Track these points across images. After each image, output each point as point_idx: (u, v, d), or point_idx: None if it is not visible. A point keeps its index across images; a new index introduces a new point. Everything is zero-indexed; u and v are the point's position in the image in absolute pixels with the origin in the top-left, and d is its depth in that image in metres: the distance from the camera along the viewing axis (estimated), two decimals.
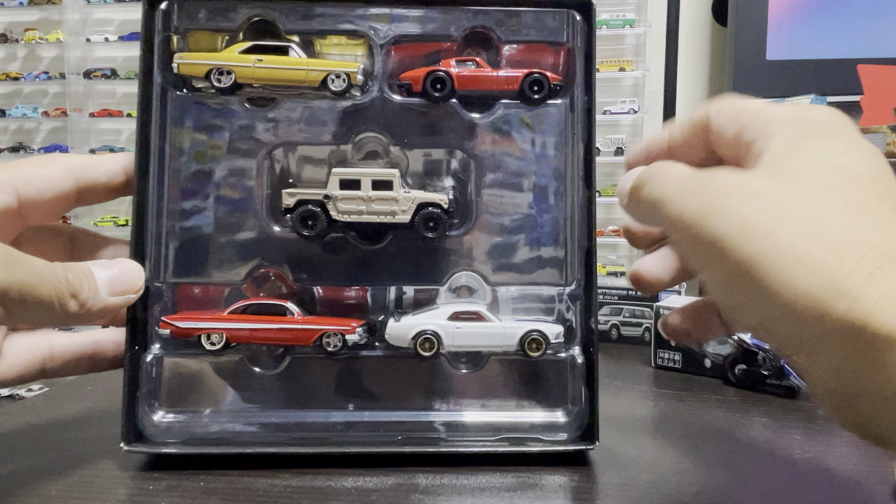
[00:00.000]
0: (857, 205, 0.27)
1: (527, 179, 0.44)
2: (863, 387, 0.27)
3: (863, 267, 0.26)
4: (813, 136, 0.30)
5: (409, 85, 0.44)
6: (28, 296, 0.32)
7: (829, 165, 0.29)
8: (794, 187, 0.28)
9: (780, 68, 1.94)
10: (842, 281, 0.26)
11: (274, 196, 0.43)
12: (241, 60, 0.43)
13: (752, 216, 0.28)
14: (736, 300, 0.29)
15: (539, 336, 0.43)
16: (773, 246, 0.27)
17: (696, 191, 0.30)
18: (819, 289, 0.26)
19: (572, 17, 0.44)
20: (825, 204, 0.27)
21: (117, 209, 2.46)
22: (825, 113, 0.31)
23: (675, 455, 0.43)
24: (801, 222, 0.27)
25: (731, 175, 0.30)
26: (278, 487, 0.37)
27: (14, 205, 0.38)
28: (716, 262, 0.29)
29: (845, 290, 0.26)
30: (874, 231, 0.27)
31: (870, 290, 0.25)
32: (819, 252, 0.26)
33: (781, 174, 0.29)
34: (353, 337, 0.42)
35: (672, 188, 0.31)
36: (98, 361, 0.41)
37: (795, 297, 0.26)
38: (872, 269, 0.26)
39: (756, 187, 0.28)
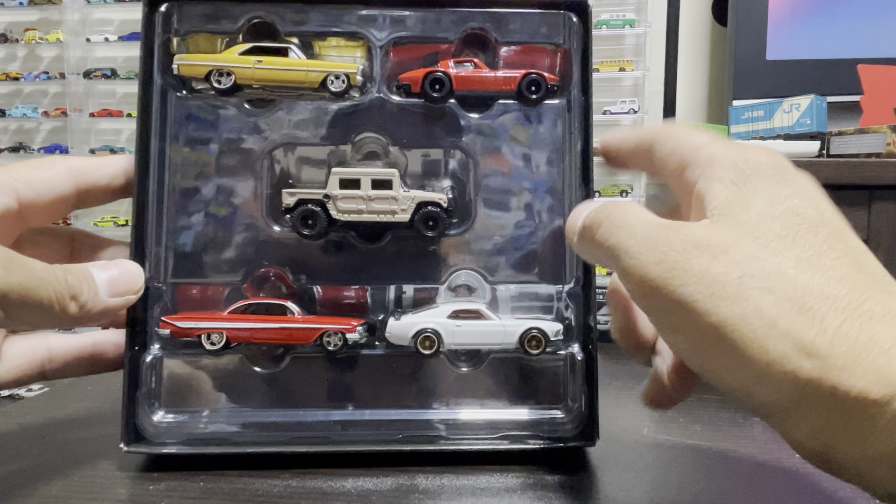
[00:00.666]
0: (811, 255, 0.27)
1: (525, 179, 0.44)
2: (843, 448, 0.27)
3: (827, 326, 0.26)
4: (755, 178, 0.30)
5: (408, 86, 0.44)
6: (28, 298, 0.32)
7: (779, 211, 0.28)
8: (752, 241, 0.28)
9: (780, 68, 1.94)
10: (812, 342, 0.26)
11: (274, 196, 0.44)
12: (240, 62, 0.43)
13: (718, 279, 0.27)
14: (710, 365, 0.29)
15: (539, 334, 0.43)
16: (744, 311, 0.26)
17: (657, 248, 0.29)
18: (792, 353, 0.26)
19: (569, 19, 0.44)
20: (784, 258, 0.27)
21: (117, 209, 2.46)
22: (763, 154, 0.31)
23: (674, 455, 0.43)
24: (765, 282, 0.27)
25: (690, 230, 0.29)
26: (278, 487, 0.38)
27: (14, 207, 0.38)
28: (687, 327, 0.28)
29: (815, 351, 0.25)
30: (832, 284, 0.26)
31: (836, 351, 0.25)
32: (787, 314, 0.26)
33: (737, 226, 0.28)
34: (354, 336, 0.42)
35: (630, 241, 0.30)
36: (97, 363, 0.41)
37: (770, 361, 0.26)
38: (837, 326, 0.26)
39: (717, 243, 0.28)
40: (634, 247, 0.29)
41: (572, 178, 0.44)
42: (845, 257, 0.28)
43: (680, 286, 0.27)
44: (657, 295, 0.28)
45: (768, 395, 0.27)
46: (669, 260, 0.28)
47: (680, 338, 0.29)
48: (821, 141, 1.47)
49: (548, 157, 0.44)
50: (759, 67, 1.95)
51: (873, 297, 0.26)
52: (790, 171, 0.30)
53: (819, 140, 1.46)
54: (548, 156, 0.44)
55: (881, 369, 0.25)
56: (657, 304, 0.29)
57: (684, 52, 2.18)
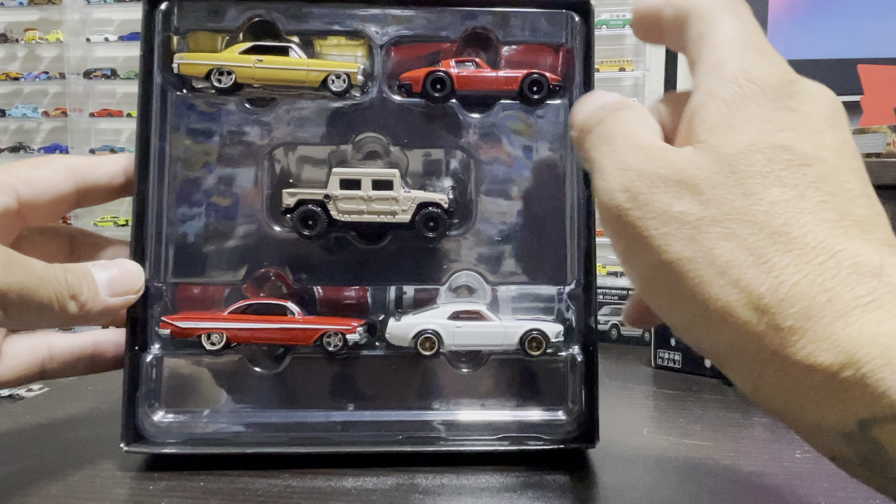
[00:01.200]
0: (792, 197, 0.25)
1: (526, 179, 0.44)
2: (781, 409, 0.25)
3: (782, 282, 0.24)
4: (753, 100, 0.27)
5: (409, 85, 0.44)
6: (28, 298, 0.32)
7: (767, 143, 0.26)
8: (727, 177, 0.26)
9: None
10: (761, 297, 0.24)
11: (274, 196, 0.43)
12: (241, 61, 0.43)
13: (676, 218, 0.26)
14: (657, 303, 0.28)
15: (539, 335, 0.43)
16: (695, 254, 0.25)
17: (627, 174, 0.27)
18: (738, 305, 0.24)
19: (571, 18, 0.44)
20: (756, 199, 0.25)
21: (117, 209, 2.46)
22: (774, 71, 0.28)
23: (674, 455, 0.43)
24: (726, 227, 0.25)
25: (666, 160, 0.27)
26: (278, 487, 0.37)
27: (14, 206, 0.38)
28: (639, 260, 0.27)
29: (763, 307, 0.24)
30: (804, 231, 0.24)
31: (787, 310, 0.24)
32: (740, 264, 0.24)
33: (716, 157, 0.26)
34: (354, 336, 0.42)
35: (608, 159, 0.28)
36: (97, 362, 0.41)
37: (713, 309, 0.25)
38: (793, 283, 0.24)
39: (687, 178, 0.26)
40: (610, 167, 0.28)
41: (574, 178, 0.44)
42: (832, 201, 0.25)
43: (638, 219, 0.26)
44: (617, 222, 0.27)
45: (707, 340, 0.26)
46: (635, 189, 0.27)
47: (633, 269, 0.28)
48: None
49: (549, 158, 0.44)
50: None
51: (848, 248, 0.24)
52: (800, 97, 0.27)
53: None
54: (549, 156, 0.44)
55: (834, 336, 0.23)
56: (616, 231, 0.28)
57: None
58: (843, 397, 0.23)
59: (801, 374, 0.23)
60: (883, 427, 0.22)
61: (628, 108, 0.30)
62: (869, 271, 0.23)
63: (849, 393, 0.22)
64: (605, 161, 0.28)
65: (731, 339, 0.25)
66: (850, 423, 0.23)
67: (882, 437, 0.22)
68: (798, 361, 0.23)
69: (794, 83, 0.28)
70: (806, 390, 0.24)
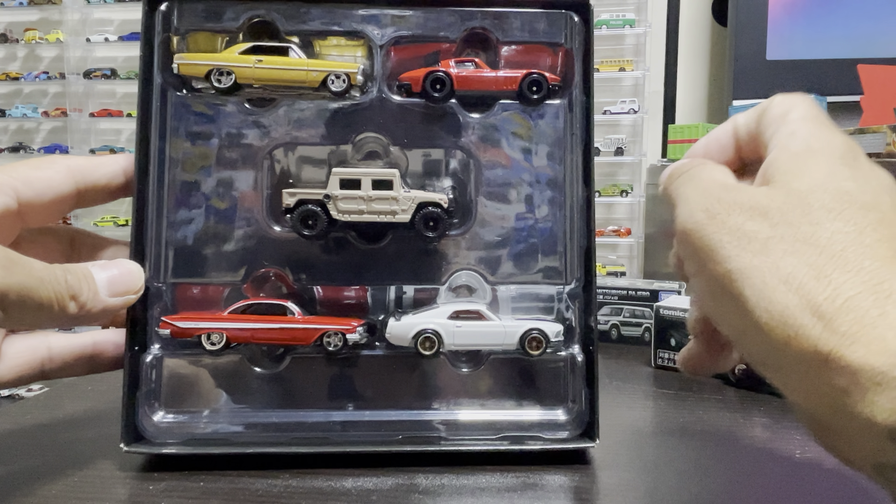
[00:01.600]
0: (852, 230, 0.28)
1: (526, 179, 0.44)
2: (830, 416, 0.27)
3: (839, 294, 0.27)
4: (820, 155, 0.31)
5: (409, 85, 0.44)
6: (27, 298, 0.32)
7: (833, 188, 0.29)
8: (795, 208, 0.29)
9: (780, 68, 1.94)
10: (819, 304, 0.27)
11: (274, 196, 0.43)
12: (241, 61, 0.43)
13: (748, 234, 0.29)
14: (719, 311, 0.31)
15: (539, 335, 0.43)
16: (761, 263, 0.28)
17: (709, 199, 0.31)
18: (797, 310, 0.27)
19: (570, 18, 0.44)
20: (821, 228, 0.28)
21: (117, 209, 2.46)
22: (839, 138, 0.32)
23: (675, 455, 0.43)
24: (791, 246, 0.28)
25: (743, 192, 0.31)
26: (278, 487, 0.37)
27: (14, 207, 0.38)
28: (707, 271, 0.30)
29: (821, 313, 0.27)
30: (861, 259, 0.27)
31: (843, 318, 0.26)
32: (802, 275, 0.27)
33: (787, 192, 0.30)
34: (354, 336, 0.42)
35: (693, 192, 0.33)
36: (97, 362, 0.41)
37: (771, 314, 0.27)
38: (849, 297, 0.26)
39: (760, 206, 0.30)
40: (693, 196, 0.32)
41: (573, 178, 0.44)
42: (887, 242, 0.28)
43: (714, 232, 0.30)
44: (694, 236, 0.31)
45: (766, 345, 0.28)
46: (713, 210, 0.31)
47: (701, 280, 0.31)
48: None
49: (549, 158, 0.44)
50: (759, 67, 1.95)
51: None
52: (859, 160, 0.31)
53: None
54: (549, 156, 0.44)
55: (885, 341, 0.25)
56: (692, 246, 0.31)
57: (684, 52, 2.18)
58: (892, 395, 0.25)
59: (854, 375, 0.25)
60: None
61: (713, 163, 0.35)
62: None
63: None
64: (689, 193, 0.33)
65: (790, 342, 0.27)
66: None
67: None
68: (851, 363, 0.25)
69: (857, 152, 0.32)
70: (858, 390, 0.25)
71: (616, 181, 2.25)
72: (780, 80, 1.91)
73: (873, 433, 0.26)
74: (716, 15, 2.15)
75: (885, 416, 0.25)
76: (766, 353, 0.29)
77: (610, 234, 2.19)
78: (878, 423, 0.25)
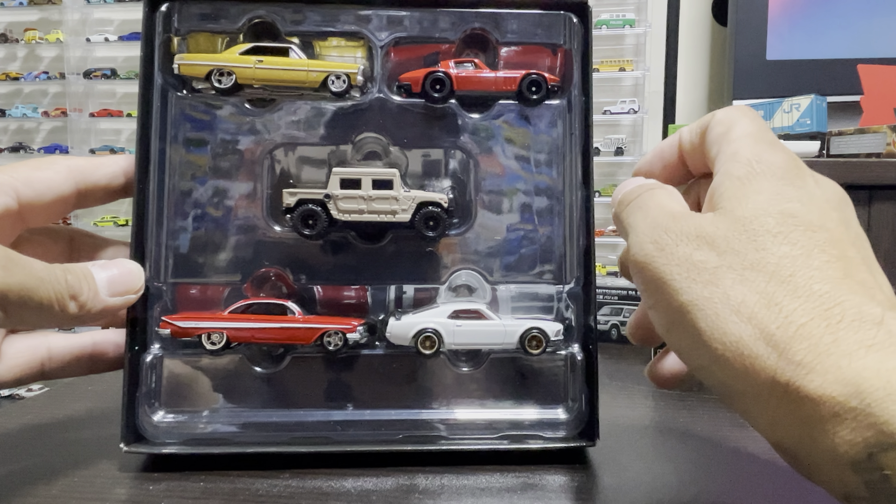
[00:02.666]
0: (800, 254, 0.28)
1: (526, 179, 0.44)
2: (796, 442, 0.27)
3: (792, 322, 0.26)
4: (763, 177, 0.31)
5: (409, 86, 0.44)
6: (27, 298, 0.32)
7: (777, 210, 0.29)
8: (740, 235, 0.29)
9: (780, 68, 1.94)
10: (772, 333, 0.26)
11: (274, 196, 0.44)
12: (241, 61, 0.43)
13: (696, 265, 0.29)
14: (677, 344, 0.31)
15: (539, 334, 0.43)
16: (712, 294, 0.28)
17: (657, 230, 0.31)
18: (751, 340, 0.27)
19: (569, 20, 0.44)
20: (768, 254, 0.28)
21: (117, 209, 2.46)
22: (781, 156, 0.31)
23: (675, 455, 0.43)
24: (740, 274, 0.28)
25: (690, 221, 0.31)
26: (278, 487, 0.38)
27: (14, 207, 0.38)
28: (662, 303, 0.30)
29: (774, 343, 0.26)
30: (811, 283, 0.27)
31: (796, 346, 0.26)
32: (753, 304, 0.27)
33: (732, 220, 0.30)
34: (354, 336, 0.42)
35: (642, 222, 0.33)
36: (97, 363, 0.41)
37: (728, 344, 0.27)
38: (801, 324, 0.26)
39: (706, 234, 0.30)
40: (642, 226, 0.32)
41: (572, 178, 0.44)
42: (836, 263, 0.28)
43: (664, 265, 0.30)
44: (645, 270, 0.31)
45: (725, 377, 0.28)
46: (662, 242, 0.31)
47: (656, 313, 0.31)
48: (821, 141, 1.47)
49: (548, 158, 0.44)
50: (759, 67, 1.95)
51: (850, 300, 0.26)
52: (803, 177, 0.31)
53: (819, 140, 1.46)
54: (548, 156, 0.44)
55: (841, 370, 0.25)
56: (644, 278, 0.31)
57: (684, 52, 2.18)
58: (851, 427, 0.24)
59: (813, 406, 0.25)
60: (889, 455, 0.24)
61: (661, 188, 0.35)
62: (871, 320, 0.26)
63: (857, 422, 0.24)
64: (639, 223, 0.33)
65: (747, 373, 0.27)
66: (859, 452, 0.24)
67: (889, 464, 0.24)
68: (809, 393, 0.25)
69: (801, 168, 0.32)
70: (818, 421, 0.25)
71: (616, 181, 2.26)
72: (780, 80, 1.92)
73: (836, 464, 0.25)
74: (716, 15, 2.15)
75: (846, 448, 0.25)
76: (727, 384, 0.28)
77: (610, 234, 2.19)
78: (839, 455, 0.25)
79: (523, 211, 0.44)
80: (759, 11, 1.95)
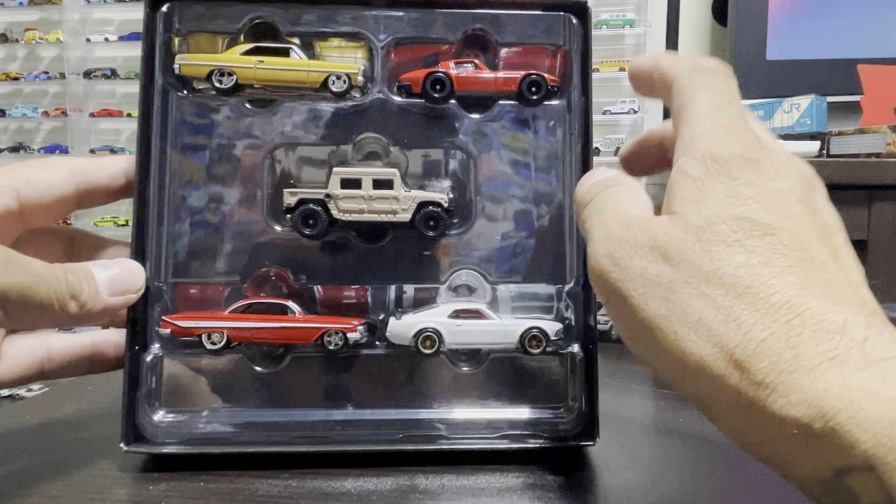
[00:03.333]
0: (757, 262, 0.27)
1: (525, 179, 0.44)
2: (767, 455, 0.26)
3: (751, 339, 0.25)
4: (717, 177, 0.29)
5: (409, 86, 0.44)
6: (28, 298, 0.32)
7: (731, 215, 0.28)
8: (694, 244, 0.28)
9: (780, 68, 1.94)
10: (732, 352, 0.25)
11: (275, 196, 0.44)
12: (242, 62, 0.43)
13: (652, 280, 0.28)
14: (643, 356, 0.30)
15: (539, 333, 0.43)
16: (669, 312, 0.27)
17: (611, 241, 0.30)
18: (710, 359, 0.26)
19: (568, 21, 0.45)
20: (723, 264, 0.27)
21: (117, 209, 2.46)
22: (737, 148, 0.30)
23: (675, 455, 0.43)
24: (696, 288, 0.27)
25: (644, 229, 0.30)
26: (278, 487, 0.38)
27: (15, 207, 0.38)
28: (623, 317, 0.30)
29: (736, 362, 0.25)
30: (770, 293, 0.26)
31: (757, 365, 0.25)
32: (711, 321, 0.26)
33: (685, 227, 0.28)
34: (355, 335, 0.42)
35: (598, 229, 0.32)
36: (97, 363, 0.41)
37: (689, 363, 0.27)
38: (761, 340, 0.25)
39: (661, 245, 0.29)
40: (597, 236, 0.31)
41: (572, 178, 0.44)
42: (798, 266, 0.27)
43: (620, 280, 0.29)
44: (603, 283, 0.30)
45: (693, 391, 0.28)
46: (616, 255, 0.30)
47: (619, 325, 0.31)
48: (821, 141, 1.47)
49: (547, 157, 0.44)
50: (759, 67, 1.95)
51: (813, 307, 0.25)
52: (762, 169, 0.29)
53: (819, 140, 1.47)
54: (548, 156, 0.44)
55: (802, 389, 0.24)
56: (603, 291, 0.31)
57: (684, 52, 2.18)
58: (817, 447, 0.24)
59: (779, 426, 0.25)
60: (855, 476, 0.23)
61: (620, 184, 0.34)
62: (833, 329, 0.25)
63: (822, 443, 0.24)
64: (594, 231, 0.32)
65: (712, 390, 0.26)
66: (826, 472, 0.24)
67: (855, 485, 0.23)
68: (774, 413, 0.25)
69: (757, 161, 0.29)
70: (785, 440, 0.25)
71: None
72: (780, 80, 1.91)
73: (805, 481, 0.25)
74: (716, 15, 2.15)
75: (813, 469, 0.24)
76: (696, 396, 0.28)
77: None
78: (807, 474, 0.25)
79: (523, 210, 0.44)
80: (759, 11, 1.95)
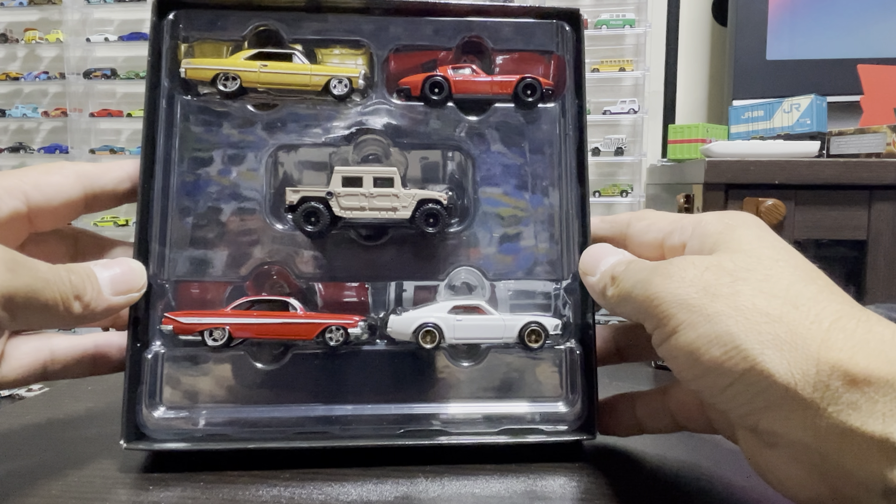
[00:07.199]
0: (802, 274, 0.31)
1: (523, 179, 0.45)
2: (839, 434, 0.27)
3: (822, 320, 0.29)
4: (743, 226, 0.34)
5: (408, 89, 0.45)
6: (33, 300, 0.32)
7: (769, 244, 0.33)
8: (745, 259, 0.32)
9: (780, 68, 1.94)
10: (807, 329, 0.29)
11: (276, 195, 0.44)
12: (246, 66, 0.43)
13: (711, 282, 0.31)
14: (708, 357, 0.30)
15: (538, 328, 0.43)
16: (739, 304, 0.30)
17: (658, 270, 0.33)
18: (787, 336, 0.29)
19: (561, 28, 0.46)
20: (776, 270, 0.31)
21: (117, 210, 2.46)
22: (742, 214, 0.35)
23: (675, 455, 0.43)
24: (758, 286, 0.31)
25: (685, 256, 0.34)
26: (279, 485, 0.38)
27: (23, 210, 0.39)
28: (685, 323, 0.31)
29: (812, 336, 0.28)
30: (822, 294, 0.30)
31: (834, 336, 0.28)
32: (779, 308, 0.29)
33: (729, 251, 0.33)
34: (356, 331, 0.42)
35: (639, 274, 0.35)
36: (99, 364, 0.41)
37: (763, 348, 0.29)
38: (831, 322, 0.29)
39: (710, 261, 0.32)
40: (643, 277, 0.34)
41: (568, 176, 0.45)
42: (826, 289, 0.31)
43: (676, 289, 0.32)
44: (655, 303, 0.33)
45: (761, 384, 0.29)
46: (667, 273, 0.33)
47: (683, 333, 0.32)
48: (821, 141, 1.47)
49: (544, 158, 0.45)
50: (759, 67, 1.95)
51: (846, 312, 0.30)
52: (770, 230, 0.35)
53: (819, 140, 1.47)
54: (544, 156, 0.45)
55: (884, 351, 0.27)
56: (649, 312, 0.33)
57: (684, 52, 2.18)
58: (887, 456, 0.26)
59: (866, 385, 0.27)
60: None
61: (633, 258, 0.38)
62: None
63: None
64: (638, 278, 0.35)
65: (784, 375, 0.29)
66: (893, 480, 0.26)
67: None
68: (857, 373, 0.27)
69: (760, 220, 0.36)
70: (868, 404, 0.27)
71: (616, 181, 2.26)
72: (780, 80, 1.92)
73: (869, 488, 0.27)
74: (716, 15, 2.15)
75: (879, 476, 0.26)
76: (761, 392, 0.29)
77: None
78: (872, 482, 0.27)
79: (521, 209, 0.45)
80: (759, 11, 1.95)
